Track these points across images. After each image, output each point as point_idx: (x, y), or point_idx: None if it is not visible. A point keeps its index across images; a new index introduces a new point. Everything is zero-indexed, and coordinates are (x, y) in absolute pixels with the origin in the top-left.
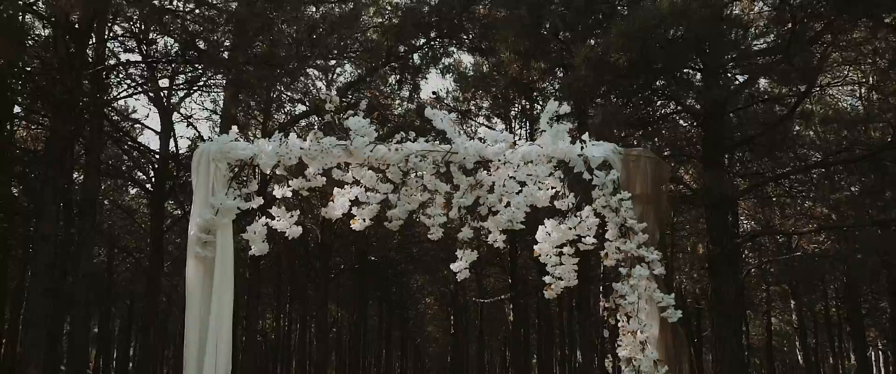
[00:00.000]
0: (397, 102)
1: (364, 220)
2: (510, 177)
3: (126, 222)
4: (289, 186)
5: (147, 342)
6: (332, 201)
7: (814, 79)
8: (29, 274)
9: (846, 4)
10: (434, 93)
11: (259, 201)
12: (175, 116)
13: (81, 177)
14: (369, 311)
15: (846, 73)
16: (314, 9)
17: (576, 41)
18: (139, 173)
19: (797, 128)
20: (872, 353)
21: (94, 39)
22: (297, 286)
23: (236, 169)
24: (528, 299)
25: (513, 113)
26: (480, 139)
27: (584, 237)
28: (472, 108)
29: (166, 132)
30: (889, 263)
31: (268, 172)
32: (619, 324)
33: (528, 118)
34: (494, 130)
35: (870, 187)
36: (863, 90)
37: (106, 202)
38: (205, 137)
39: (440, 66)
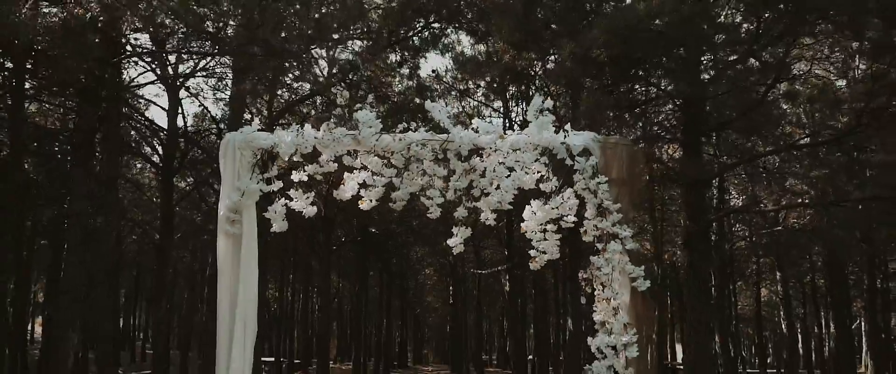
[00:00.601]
0: (397, 79)
1: (371, 201)
2: (500, 163)
3: (134, 195)
4: (305, 171)
5: (158, 311)
6: (343, 184)
7: (780, 72)
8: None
9: (799, 9)
10: (434, 71)
11: (279, 184)
12: (181, 92)
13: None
14: (370, 282)
15: (823, 54)
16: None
17: (564, 35)
18: (147, 148)
19: (785, 107)
20: (863, 323)
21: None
22: (299, 258)
23: (259, 157)
24: (524, 271)
25: (509, 93)
26: (474, 129)
27: (566, 216)
28: (471, 86)
29: (174, 109)
30: (868, 237)
31: (286, 159)
32: (595, 292)
33: (524, 98)
34: (491, 107)
35: (843, 165)
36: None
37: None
38: (212, 114)
39: (440, 46)
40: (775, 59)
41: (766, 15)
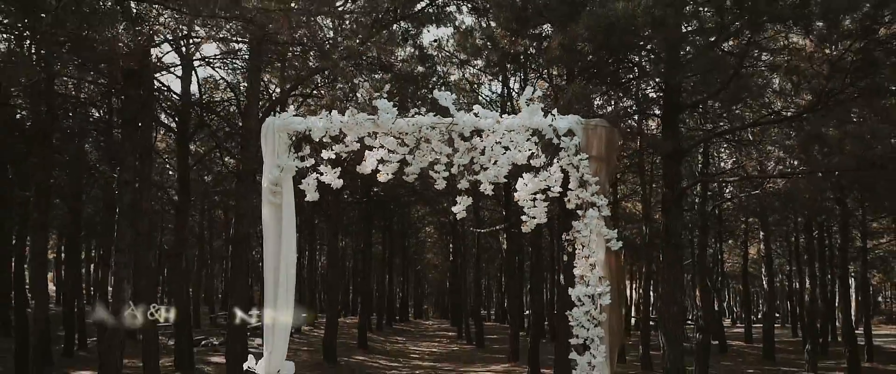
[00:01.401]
0: (400, 50)
1: (387, 174)
2: (497, 142)
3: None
4: (332, 149)
5: (178, 266)
6: (365, 160)
7: (740, 63)
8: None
9: (755, 15)
10: (436, 40)
11: (311, 161)
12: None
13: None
14: (373, 240)
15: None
16: None
17: (555, 25)
18: (163, 115)
19: (762, 80)
20: (836, 281)
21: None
22: (305, 217)
23: (294, 138)
24: (520, 228)
25: (508, 70)
26: (475, 114)
27: (553, 187)
28: (471, 58)
29: (187, 77)
30: (840, 200)
31: (317, 140)
32: (576, 251)
33: (523, 69)
34: (489, 73)
35: (810, 137)
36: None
37: None
38: (227, 80)
39: (443, 18)
40: (740, 49)
41: (729, 17)
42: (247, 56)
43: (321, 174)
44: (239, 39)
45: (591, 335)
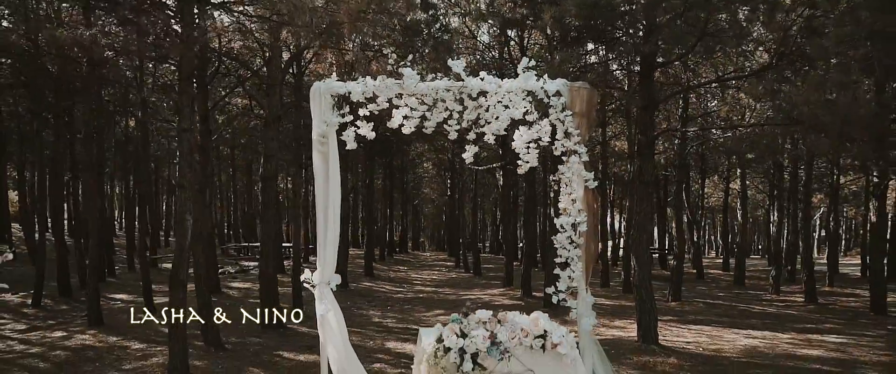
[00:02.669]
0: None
1: (411, 127)
2: (498, 102)
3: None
4: (367, 108)
5: (202, 200)
6: (392, 116)
7: (705, 28)
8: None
9: None
10: None
11: (350, 117)
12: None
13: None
14: (374, 175)
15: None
16: None
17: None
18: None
19: (756, 27)
20: (795, 215)
21: None
22: (309, 155)
23: (335, 99)
24: (516, 168)
25: (508, 34)
26: (481, 79)
27: (543, 138)
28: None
29: (202, 20)
30: (795, 144)
31: (355, 100)
32: (561, 189)
33: (522, 27)
34: (489, 22)
35: (769, 91)
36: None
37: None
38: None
39: None
40: (700, 21)
41: None
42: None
43: (358, 128)
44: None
45: (571, 255)
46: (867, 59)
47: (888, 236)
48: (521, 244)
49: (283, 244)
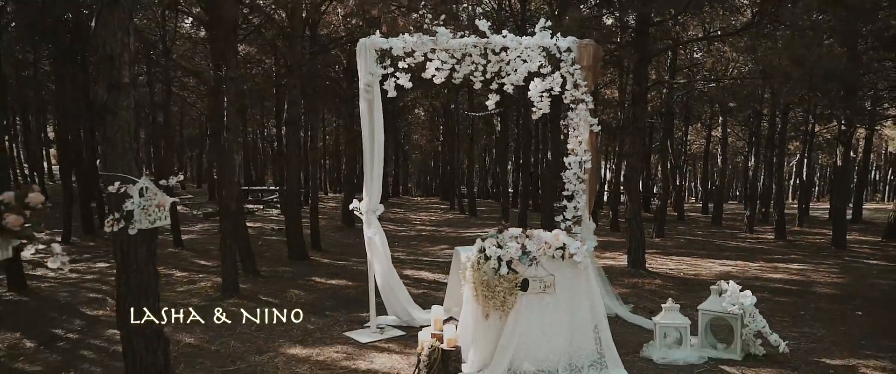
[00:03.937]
0: None
1: (442, 78)
2: (517, 56)
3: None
4: (405, 61)
5: (219, 143)
6: (426, 68)
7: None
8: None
9: None
10: None
11: (390, 69)
12: None
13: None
14: None
15: None
16: None
17: None
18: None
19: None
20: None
21: None
22: (307, 101)
23: (379, 53)
24: (510, 112)
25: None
26: (503, 36)
27: (554, 88)
28: None
29: None
30: (774, 95)
31: (396, 54)
32: (569, 132)
33: None
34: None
35: (749, 47)
36: None
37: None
38: None
39: None
40: None
41: None
42: None
43: (397, 78)
44: None
45: (576, 188)
46: (830, 23)
47: (854, 182)
48: (510, 189)
49: (272, 187)
